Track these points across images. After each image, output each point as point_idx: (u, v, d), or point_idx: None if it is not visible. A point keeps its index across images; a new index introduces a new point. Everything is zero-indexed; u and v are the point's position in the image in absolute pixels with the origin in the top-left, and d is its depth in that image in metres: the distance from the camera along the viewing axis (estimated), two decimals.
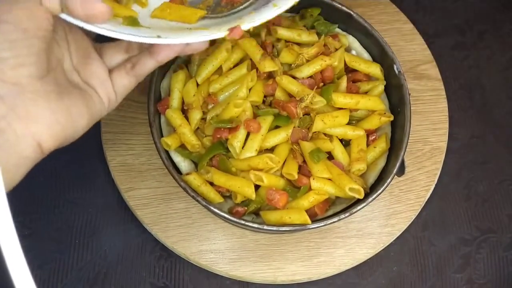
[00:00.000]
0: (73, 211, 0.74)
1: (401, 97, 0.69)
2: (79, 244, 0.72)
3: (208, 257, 0.71)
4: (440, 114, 0.81)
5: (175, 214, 0.72)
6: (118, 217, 0.74)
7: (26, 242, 0.76)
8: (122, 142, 0.76)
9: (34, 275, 0.36)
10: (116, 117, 0.77)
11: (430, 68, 0.83)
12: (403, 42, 0.84)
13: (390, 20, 0.86)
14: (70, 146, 0.77)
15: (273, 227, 0.62)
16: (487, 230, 0.77)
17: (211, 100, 0.67)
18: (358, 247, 0.72)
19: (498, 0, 0.93)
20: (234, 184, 0.63)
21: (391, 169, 0.65)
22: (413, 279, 0.74)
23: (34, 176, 0.74)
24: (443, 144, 0.79)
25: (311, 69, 0.68)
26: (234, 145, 0.64)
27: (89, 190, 0.75)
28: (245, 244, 0.72)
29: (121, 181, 0.73)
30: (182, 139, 0.66)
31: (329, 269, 0.71)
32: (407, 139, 0.66)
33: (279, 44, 0.71)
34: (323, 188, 0.64)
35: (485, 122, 0.84)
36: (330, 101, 0.66)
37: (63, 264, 0.71)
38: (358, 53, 0.75)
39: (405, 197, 0.76)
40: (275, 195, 0.62)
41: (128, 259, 0.72)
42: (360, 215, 0.73)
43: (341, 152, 0.67)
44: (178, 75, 0.68)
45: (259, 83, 0.68)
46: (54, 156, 0.76)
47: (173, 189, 0.73)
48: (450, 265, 0.75)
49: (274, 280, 0.71)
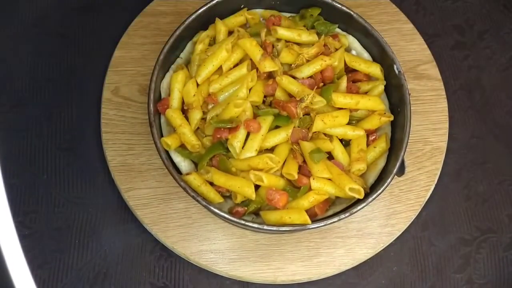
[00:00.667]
0: (73, 211, 0.74)
1: (401, 97, 0.69)
2: (79, 244, 0.72)
3: (208, 257, 0.71)
4: (440, 114, 0.81)
5: (175, 214, 0.72)
6: (118, 217, 0.74)
7: (26, 242, 0.76)
8: (122, 142, 0.76)
9: (34, 275, 0.36)
10: (116, 117, 0.77)
11: (430, 68, 0.83)
12: (403, 42, 0.84)
13: (390, 20, 0.86)
14: (70, 146, 0.77)
15: (273, 227, 0.62)
16: (487, 230, 0.77)
17: (211, 100, 0.67)
18: (358, 247, 0.72)
19: (498, 0, 0.93)
20: (234, 184, 0.63)
21: (391, 169, 0.65)
22: (413, 279, 0.74)
23: (34, 176, 0.75)
24: (443, 144, 0.79)
25: (311, 69, 0.68)
26: (234, 145, 0.64)
27: (89, 190, 0.75)
28: (245, 244, 0.71)
29: (121, 181, 0.73)
30: (182, 139, 0.66)
31: (329, 269, 0.71)
32: (407, 139, 0.66)
33: (279, 44, 0.71)
34: (323, 188, 0.64)
35: (485, 122, 0.84)
36: (330, 101, 0.66)
37: (63, 264, 0.71)
38: (358, 53, 0.75)
39: (405, 197, 0.76)
40: (275, 195, 0.62)
41: (128, 259, 0.72)
42: (360, 215, 0.73)
43: (341, 152, 0.67)
44: (178, 75, 0.68)
45: (259, 83, 0.68)
46: (54, 156, 0.77)
47: (173, 189, 0.73)
48: (450, 265, 0.75)
49: (274, 280, 0.71)
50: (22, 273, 0.36)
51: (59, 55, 0.82)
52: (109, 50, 0.80)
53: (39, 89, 0.80)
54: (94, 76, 0.81)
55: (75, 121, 0.79)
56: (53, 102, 0.79)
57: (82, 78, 0.81)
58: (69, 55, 0.83)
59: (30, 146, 0.77)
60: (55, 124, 0.78)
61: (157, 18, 0.82)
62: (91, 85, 0.80)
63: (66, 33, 0.84)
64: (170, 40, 0.69)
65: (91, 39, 0.84)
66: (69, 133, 0.78)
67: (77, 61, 0.82)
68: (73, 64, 0.82)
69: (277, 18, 0.73)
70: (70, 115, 0.79)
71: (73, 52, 0.83)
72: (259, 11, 0.76)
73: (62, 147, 0.77)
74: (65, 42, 0.83)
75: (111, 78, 0.79)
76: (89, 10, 0.85)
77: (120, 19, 0.83)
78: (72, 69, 0.82)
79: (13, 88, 0.80)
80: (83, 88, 0.81)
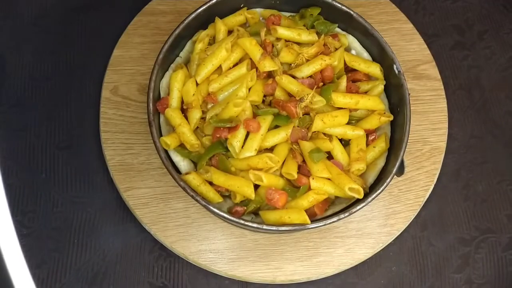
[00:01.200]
0: (72, 210, 0.74)
1: (400, 97, 0.69)
2: (77, 244, 0.72)
3: (207, 257, 0.71)
4: (440, 114, 0.81)
5: (174, 213, 0.72)
6: (117, 216, 0.74)
7: (24, 242, 0.76)
8: (121, 141, 0.75)
9: (32, 274, 0.36)
10: (115, 116, 0.76)
11: (430, 68, 0.83)
12: (403, 42, 0.84)
13: (390, 20, 0.86)
14: (69, 145, 0.77)
15: (272, 227, 0.62)
16: (486, 230, 0.78)
17: (211, 100, 0.67)
18: (357, 247, 0.72)
19: (497, 0, 0.93)
20: (233, 183, 0.63)
21: (391, 169, 0.65)
22: (412, 279, 0.74)
23: (33, 175, 0.75)
24: (442, 144, 0.79)
25: (311, 69, 0.68)
26: (233, 145, 0.64)
27: (88, 190, 0.75)
28: (244, 244, 0.71)
29: (120, 180, 0.73)
30: (181, 139, 0.66)
31: (328, 269, 0.71)
32: (406, 139, 0.66)
33: (279, 43, 0.71)
34: (322, 188, 0.64)
35: (484, 122, 0.84)
36: (329, 101, 0.66)
37: (61, 264, 0.71)
38: (358, 53, 0.75)
39: (404, 197, 0.76)
40: (275, 195, 0.62)
41: (127, 258, 0.72)
42: (359, 215, 0.73)
43: (340, 152, 0.67)
44: (177, 74, 0.68)
45: (259, 82, 0.68)
46: (53, 155, 0.77)
47: (172, 188, 0.73)
48: (449, 265, 0.75)
49: (273, 280, 0.70)
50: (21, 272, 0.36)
51: (58, 54, 0.82)
52: (109, 49, 0.80)
53: (38, 89, 0.80)
54: (93, 75, 0.80)
55: (74, 121, 0.79)
56: (52, 101, 0.79)
57: (81, 77, 0.81)
58: (68, 54, 0.82)
59: (29, 146, 0.77)
60: (54, 124, 0.78)
61: (157, 17, 0.82)
62: (90, 84, 0.80)
63: (65, 32, 0.84)
64: (169, 39, 0.68)
65: (91, 38, 0.84)
66: (68, 133, 0.78)
67: (76, 60, 0.82)
68: (72, 63, 0.82)
69: (277, 17, 0.73)
70: (69, 115, 0.79)
71: (72, 51, 0.83)
72: (259, 10, 0.75)
73: (61, 146, 0.77)
74: (64, 41, 0.83)
75: (110, 77, 0.79)
76: (88, 9, 0.85)
77: (119, 18, 0.83)
78: (71, 68, 0.82)
79: (12, 87, 0.80)
80: (82, 87, 0.80)
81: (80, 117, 0.79)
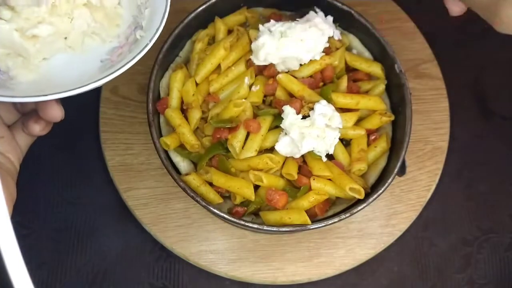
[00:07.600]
0: (72, 211, 0.74)
1: (402, 96, 0.68)
2: (77, 244, 0.72)
3: (208, 258, 0.70)
4: (441, 113, 0.80)
5: (174, 214, 0.72)
6: (117, 217, 0.74)
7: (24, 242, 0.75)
8: (120, 141, 0.75)
9: (32, 275, 0.36)
10: (115, 116, 0.76)
11: (431, 67, 0.83)
12: (404, 41, 0.84)
13: (391, 19, 0.85)
14: (68, 145, 0.77)
15: (273, 228, 0.61)
16: (488, 230, 0.77)
17: (212, 99, 0.67)
18: (358, 247, 0.72)
19: None
20: (233, 185, 0.63)
21: (392, 169, 0.64)
22: (414, 280, 0.74)
23: (33, 175, 0.75)
24: (444, 144, 0.79)
25: (311, 69, 0.68)
26: (233, 145, 0.63)
27: (87, 190, 0.75)
28: (245, 245, 0.71)
29: (119, 181, 0.73)
30: (181, 139, 0.66)
31: (329, 269, 0.71)
32: (408, 139, 0.66)
33: None
34: (323, 188, 0.63)
35: (487, 121, 0.83)
36: (329, 101, 0.66)
37: (61, 264, 0.71)
38: (359, 52, 0.74)
39: (406, 197, 0.75)
40: (275, 195, 0.62)
41: (127, 259, 0.72)
42: (360, 215, 0.73)
43: (341, 152, 0.66)
44: (177, 74, 0.68)
45: (259, 82, 0.67)
46: (53, 156, 0.76)
47: (172, 189, 0.73)
48: (451, 265, 0.75)
49: (274, 280, 0.70)
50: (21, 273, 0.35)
51: None
52: None
53: None
54: None
55: (74, 120, 0.78)
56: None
57: None
58: None
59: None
60: (53, 123, 0.78)
61: None
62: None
63: None
64: (169, 39, 0.68)
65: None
66: (68, 132, 0.77)
67: None
68: None
69: (277, 16, 0.72)
70: (68, 114, 0.79)
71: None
72: (259, 9, 0.75)
73: (61, 146, 0.77)
74: None
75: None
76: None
77: None
78: None
79: None
80: None
81: (79, 117, 0.78)
